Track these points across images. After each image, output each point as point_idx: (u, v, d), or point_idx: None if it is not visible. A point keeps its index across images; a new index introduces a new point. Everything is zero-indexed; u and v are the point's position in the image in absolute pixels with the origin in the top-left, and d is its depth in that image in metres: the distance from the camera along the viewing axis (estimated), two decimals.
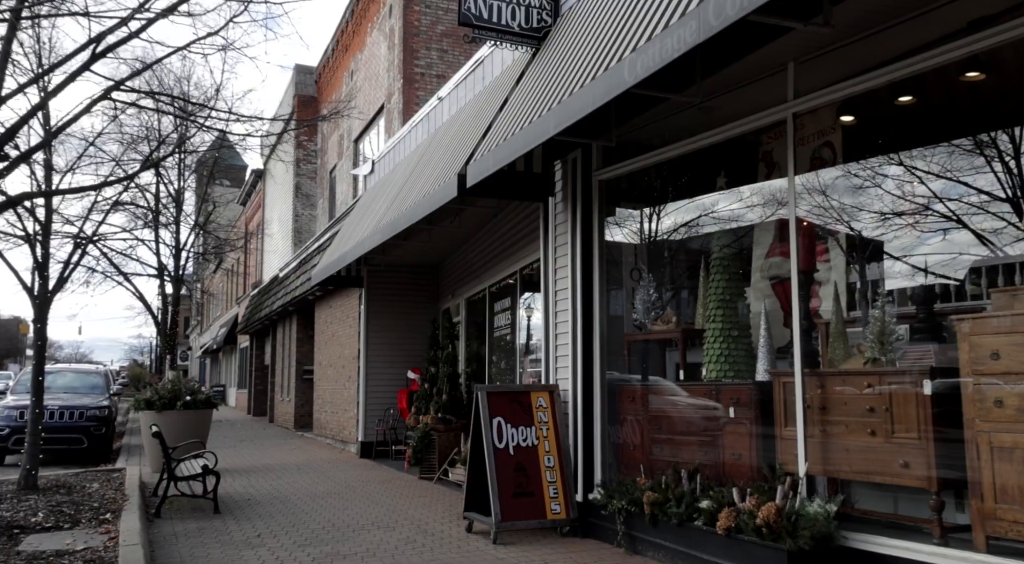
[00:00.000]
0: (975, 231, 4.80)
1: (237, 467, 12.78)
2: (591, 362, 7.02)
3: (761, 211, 6.29)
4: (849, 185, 5.58)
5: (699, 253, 6.80)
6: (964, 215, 4.88)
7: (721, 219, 6.57)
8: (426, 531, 7.32)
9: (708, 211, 6.68)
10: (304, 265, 18.93)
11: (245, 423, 25.37)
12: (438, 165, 8.96)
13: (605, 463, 6.89)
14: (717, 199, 6.61)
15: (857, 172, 5.56)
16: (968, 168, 4.87)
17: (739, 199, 6.45)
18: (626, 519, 6.13)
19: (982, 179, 4.79)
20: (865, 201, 5.49)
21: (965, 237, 4.86)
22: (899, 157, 5.30)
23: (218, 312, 45.76)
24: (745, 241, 6.35)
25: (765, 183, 6.27)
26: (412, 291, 14.66)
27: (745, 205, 6.42)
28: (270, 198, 31.74)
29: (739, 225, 6.39)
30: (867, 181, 5.50)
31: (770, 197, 6.21)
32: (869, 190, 5.48)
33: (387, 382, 14.27)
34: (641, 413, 6.61)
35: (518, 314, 10.48)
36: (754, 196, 6.37)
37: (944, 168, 5.03)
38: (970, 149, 4.91)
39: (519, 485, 6.82)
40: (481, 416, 6.96)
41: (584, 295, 7.08)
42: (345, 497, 9.45)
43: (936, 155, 5.08)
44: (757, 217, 6.28)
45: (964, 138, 4.92)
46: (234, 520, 8.00)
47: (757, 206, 6.33)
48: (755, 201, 6.37)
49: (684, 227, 6.91)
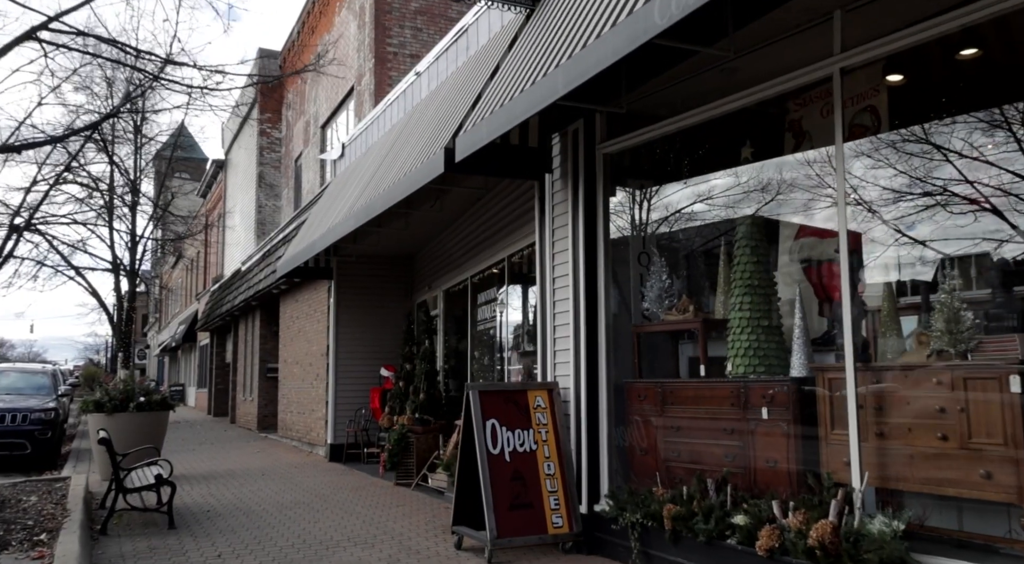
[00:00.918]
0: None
1: (196, 473, 11.82)
2: (596, 357, 6.28)
3: (789, 187, 5.61)
4: (896, 155, 4.91)
5: (718, 234, 6.09)
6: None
7: (744, 196, 5.87)
8: (410, 548, 6.52)
9: (729, 187, 5.98)
10: (268, 257, 17.94)
11: (205, 424, 24.22)
12: (419, 142, 8.15)
13: (612, 470, 6.16)
14: (740, 174, 5.90)
15: (906, 140, 4.89)
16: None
17: (764, 173, 5.75)
18: (641, 535, 5.41)
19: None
20: (916, 172, 4.82)
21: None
22: (959, 122, 4.64)
23: (177, 309, 44.24)
24: (772, 220, 5.65)
25: (793, 156, 5.59)
26: (386, 283, 13.80)
27: (770, 180, 5.73)
28: (232, 189, 30.51)
29: (765, 203, 5.69)
30: (918, 150, 4.83)
31: (799, 171, 5.53)
32: (920, 160, 4.81)
33: (358, 380, 13.41)
34: (655, 414, 5.89)
35: (505, 306, 9.71)
36: (781, 170, 5.68)
37: (1017, 134, 4.37)
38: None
39: (516, 496, 6.06)
40: (473, 418, 6.19)
41: (588, 282, 6.34)
42: (315, 507, 8.60)
43: (1008, 119, 4.42)
44: (784, 194, 5.59)
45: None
46: (191, 537, 7.12)
47: (784, 181, 5.64)
48: (782, 176, 5.68)
49: (701, 205, 6.19)
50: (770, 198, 5.69)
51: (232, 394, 24.82)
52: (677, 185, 6.45)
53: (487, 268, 9.77)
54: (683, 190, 6.38)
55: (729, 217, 5.96)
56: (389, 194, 8.13)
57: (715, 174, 6.18)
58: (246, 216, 26.62)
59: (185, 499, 9.30)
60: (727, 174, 6.08)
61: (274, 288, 17.03)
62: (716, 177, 6.15)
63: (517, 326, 9.34)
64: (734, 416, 5.26)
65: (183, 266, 42.32)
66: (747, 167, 5.88)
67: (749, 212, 5.78)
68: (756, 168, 5.82)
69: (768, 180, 5.72)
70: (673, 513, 5.05)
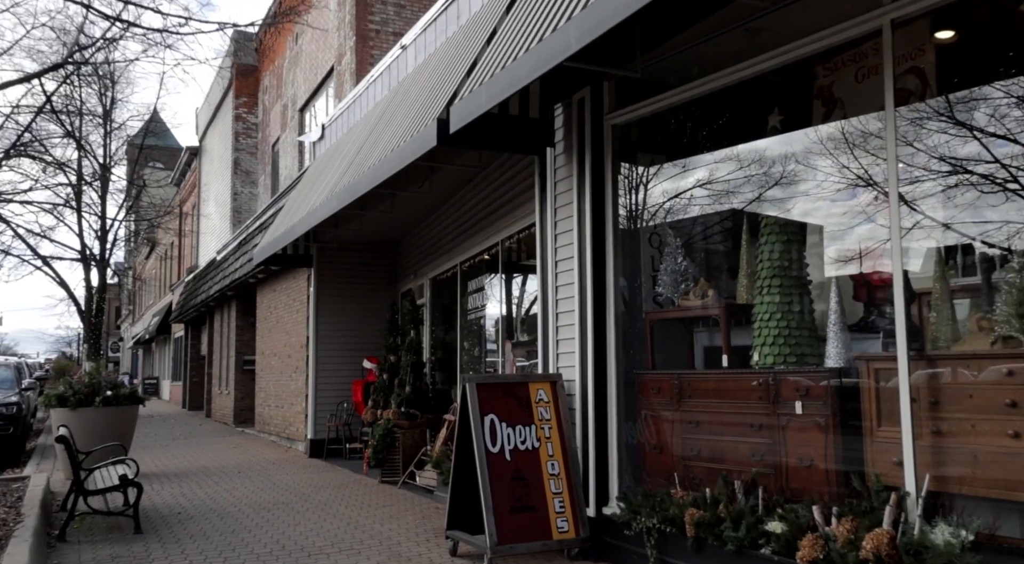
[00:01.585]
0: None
1: (168, 470, 11.17)
2: (604, 346, 5.75)
3: (818, 160, 5.11)
4: (945, 123, 4.42)
5: (739, 213, 5.58)
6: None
7: (768, 171, 5.36)
8: (400, 555, 5.97)
9: (752, 160, 5.47)
10: (244, 246, 17.24)
11: (179, 418, 23.46)
12: (408, 116, 7.56)
13: (622, 470, 5.65)
14: (764, 146, 5.39)
15: (956, 106, 4.40)
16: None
17: (791, 145, 5.24)
18: (658, 542, 4.90)
19: None
20: (967, 142, 4.33)
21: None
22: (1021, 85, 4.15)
23: (151, 300, 43.19)
24: (802, 197, 5.15)
25: (823, 126, 5.09)
26: (368, 271, 13.19)
27: (797, 151, 5.22)
28: (206, 177, 29.62)
29: (797, 177, 5.18)
30: (970, 118, 4.34)
31: (831, 142, 5.03)
32: (972, 128, 4.32)
33: (340, 373, 12.81)
34: (671, 408, 5.38)
35: (497, 293, 9.16)
36: (810, 141, 5.18)
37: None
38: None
39: (518, 498, 5.53)
40: (470, 413, 5.64)
41: (595, 265, 5.80)
42: (296, 508, 8.02)
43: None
44: (814, 167, 5.09)
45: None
46: (159, 543, 6.52)
47: (814, 154, 5.14)
48: (812, 148, 5.18)
49: (721, 181, 5.67)
50: (800, 173, 5.19)
51: (207, 387, 24.07)
52: (693, 159, 5.92)
53: (479, 254, 9.22)
54: (699, 165, 5.86)
55: (752, 194, 5.45)
56: (375, 172, 7.54)
57: (736, 148, 5.66)
58: (221, 204, 25.80)
59: (154, 499, 8.67)
60: (749, 148, 5.57)
61: (251, 277, 16.35)
62: (737, 150, 5.64)
63: (512, 315, 8.80)
64: (762, 410, 4.76)
65: (157, 256, 41.28)
66: (772, 140, 5.37)
67: (774, 188, 5.28)
68: (782, 140, 5.31)
69: (795, 151, 5.21)
70: (696, 518, 4.55)
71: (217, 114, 27.78)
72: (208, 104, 29.56)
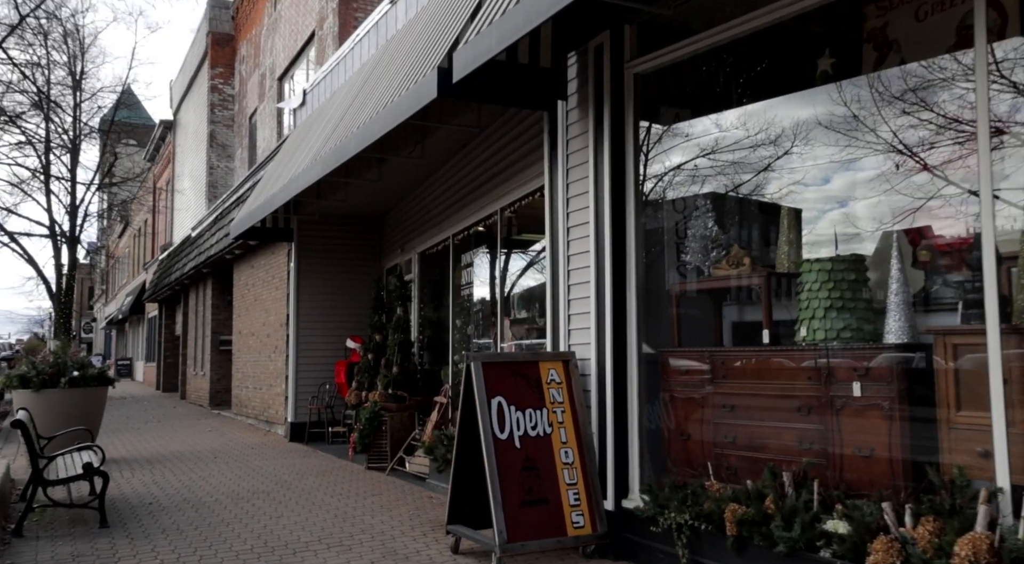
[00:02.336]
0: None
1: (139, 456, 10.49)
2: (624, 322, 5.17)
3: (870, 109, 4.53)
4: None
5: (776, 172, 5.00)
6: None
7: (812, 125, 4.77)
8: (396, 553, 5.38)
9: (794, 111, 4.87)
10: (220, 221, 16.45)
11: (153, 400, 22.67)
12: (400, 72, 6.89)
13: (644, 459, 5.08)
14: (807, 96, 4.80)
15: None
16: None
17: (842, 93, 4.65)
18: (691, 540, 4.35)
19: None
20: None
21: None
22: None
23: (124, 280, 42.03)
24: (852, 152, 4.57)
25: (878, 72, 4.51)
26: (353, 246, 12.50)
27: (848, 100, 4.64)
28: (181, 151, 28.59)
29: (848, 130, 4.60)
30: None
31: (886, 89, 4.46)
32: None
33: (322, 353, 12.15)
34: (702, 390, 4.82)
35: (494, 268, 8.55)
36: (859, 89, 4.59)
37: None
38: None
39: (529, 490, 4.95)
40: (476, 395, 5.04)
41: (614, 232, 5.20)
42: (277, 498, 7.40)
43: None
44: (864, 118, 4.51)
45: None
46: (127, 538, 5.88)
47: (865, 102, 4.56)
48: (862, 95, 4.59)
49: (756, 136, 5.08)
50: (850, 125, 4.61)
51: (182, 368, 23.28)
52: (725, 114, 5.32)
53: (475, 224, 8.58)
54: (732, 118, 5.26)
55: (794, 149, 4.87)
56: (365, 132, 6.88)
57: (773, 100, 5.07)
58: (196, 179, 24.87)
59: (124, 488, 8.01)
60: (787, 99, 4.98)
61: (227, 253, 15.59)
62: (774, 102, 5.04)
63: (510, 290, 8.18)
64: (812, 392, 4.20)
65: (131, 234, 40.11)
66: (813, 91, 4.78)
67: (821, 143, 4.70)
68: (828, 90, 4.72)
69: (845, 99, 4.62)
70: (740, 515, 3.99)
71: (192, 86, 26.74)
72: (183, 75, 28.48)
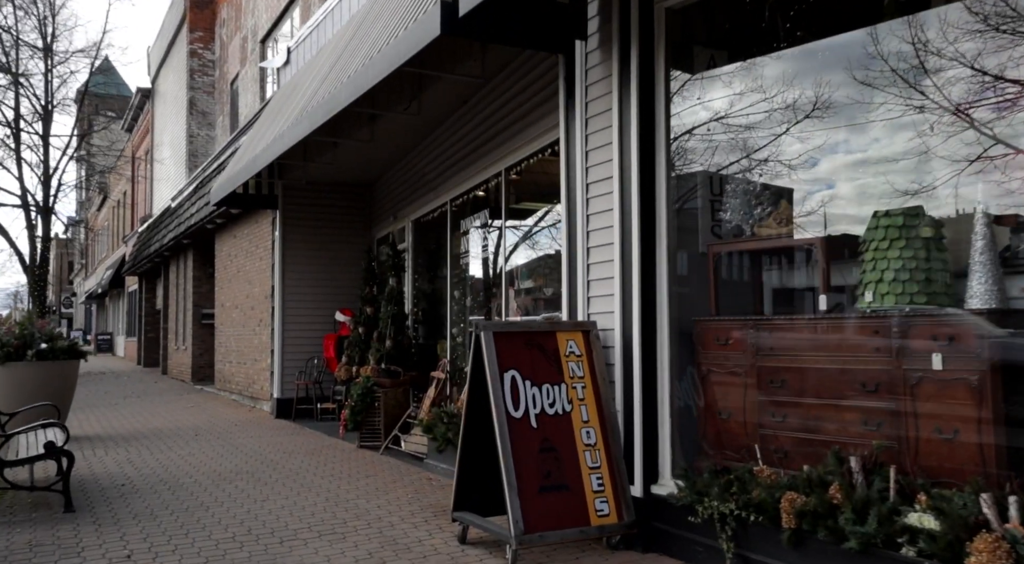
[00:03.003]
0: None
1: (115, 433, 9.89)
2: (654, 287, 4.62)
3: (950, 44, 3.97)
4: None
5: (828, 121, 4.43)
6: None
7: (880, 60, 4.20)
8: (396, 541, 4.84)
9: (852, 50, 4.30)
10: (201, 190, 15.71)
11: (134, 375, 21.99)
12: (397, 12, 6.24)
13: (676, 440, 4.56)
14: (862, 35, 4.23)
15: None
16: None
17: (911, 32, 4.08)
18: (736, 532, 3.84)
19: None
20: None
21: None
22: None
23: (104, 253, 41.04)
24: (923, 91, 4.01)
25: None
26: (341, 214, 11.86)
27: (913, 42, 4.07)
28: (160, 120, 27.62)
29: (913, 66, 4.04)
30: None
31: (960, 27, 3.89)
32: None
33: (309, 326, 11.56)
34: (744, 363, 4.29)
35: (496, 234, 7.96)
36: (930, 21, 4.02)
37: None
38: None
39: (547, 474, 4.41)
40: (487, 369, 4.48)
41: (643, 188, 4.63)
42: (263, 479, 6.84)
43: None
44: (947, 54, 3.95)
45: None
46: (94, 524, 5.30)
47: (929, 42, 3.99)
48: (929, 36, 4.03)
49: (806, 79, 4.50)
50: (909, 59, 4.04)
51: (163, 343, 22.59)
52: (769, 56, 4.73)
53: (474, 188, 7.98)
54: (777, 61, 4.68)
55: (857, 90, 4.30)
56: (358, 81, 6.25)
57: (829, 40, 4.48)
58: (176, 148, 23.99)
59: (96, 468, 7.42)
60: (843, 40, 4.40)
61: (208, 223, 14.89)
62: (830, 42, 4.46)
63: (513, 258, 7.60)
64: (881, 365, 3.68)
65: (110, 206, 39.07)
66: (864, 31, 4.20)
67: (895, 82, 4.13)
68: (894, 29, 4.15)
69: (916, 37, 4.06)
70: (799, 505, 3.48)
71: (170, 51, 25.74)
72: (161, 40, 27.44)
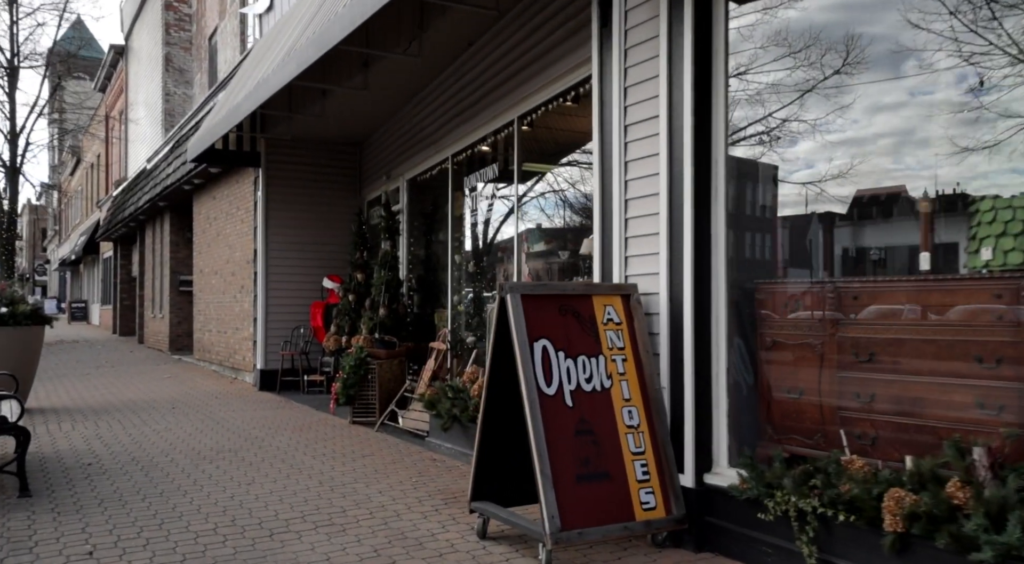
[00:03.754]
0: None
1: (85, 405, 9.15)
2: (708, 245, 3.96)
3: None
4: None
5: (920, 55, 3.75)
6: None
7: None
8: (404, 535, 4.19)
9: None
10: (177, 149, 14.81)
11: (108, 344, 21.15)
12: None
13: (735, 422, 3.93)
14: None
15: None
16: None
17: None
18: (820, 533, 3.22)
19: None
20: None
21: None
22: None
23: (78, 219, 39.76)
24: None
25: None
26: (329, 174, 11.08)
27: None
28: (134, 78, 26.41)
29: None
30: None
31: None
32: None
33: (295, 293, 10.84)
34: (820, 334, 3.65)
35: (507, 191, 7.25)
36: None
37: None
38: None
39: (585, 461, 3.78)
40: (514, 337, 3.81)
41: (697, 129, 3.95)
42: (247, 459, 6.17)
43: None
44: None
45: None
46: (51, 512, 4.62)
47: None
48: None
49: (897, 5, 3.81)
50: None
51: (140, 311, 21.72)
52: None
53: (482, 140, 7.25)
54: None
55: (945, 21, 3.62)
56: (354, 10, 5.48)
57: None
58: (152, 108, 22.90)
59: (60, 445, 6.71)
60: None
61: (185, 183, 14.02)
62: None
63: (525, 217, 6.90)
64: (1004, 336, 3.05)
65: (83, 170, 37.74)
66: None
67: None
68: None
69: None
70: (909, 506, 2.86)
71: (144, 5, 24.50)
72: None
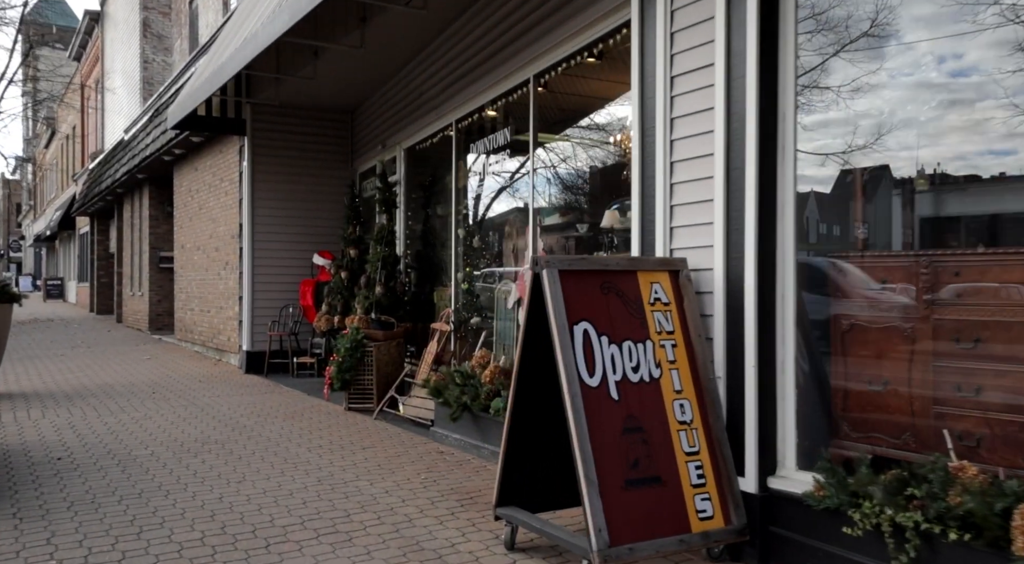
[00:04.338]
0: None
1: (57, 389, 8.54)
2: (773, 214, 3.44)
3: None
4: None
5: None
6: None
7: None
8: (420, 546, 3.67)
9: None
10: (156, 119, 14.06)
11: (85, 323, 20.41)
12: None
13: (803, 419, 3.43)
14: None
15: None
16: None
17: None
18: (920, 554, 2.74)
19: None
20: None
21: None
22: None
23: (53, 193, 38.63)
24: None
25: None
26: (320, 144, 10.43)
27: None
28: (111, 46, 25.39)
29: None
30: None
31: None
32: None
33: (284, 270, 10.23)
34: (911, 316, 3.14)
35: (519, 158, 6.67)
36: None
37: None
38: None
39: (635, 463, 3.26)
40: (552, 318, 3.28)
41: (763, 81, 3.41)
42: (236, 452, 5.62)
43: None
44: None
45: None
46: (13, 517, 4.05)
47: None
48: None
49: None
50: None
51: (118, 289, 20.97)
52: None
53: (490, 103, 6.66)
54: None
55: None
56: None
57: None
58: (129, 76, 21.98)
59: (27, 435, 6.13)
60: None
61: (165, 153, 13.31)
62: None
63: (539, 187, 6.34)
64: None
65: (58, 142, 36.58)
66: None
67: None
68: None
69: None
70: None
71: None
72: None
